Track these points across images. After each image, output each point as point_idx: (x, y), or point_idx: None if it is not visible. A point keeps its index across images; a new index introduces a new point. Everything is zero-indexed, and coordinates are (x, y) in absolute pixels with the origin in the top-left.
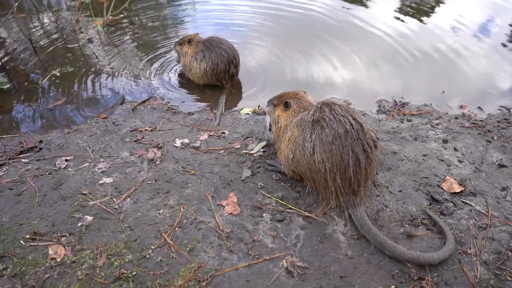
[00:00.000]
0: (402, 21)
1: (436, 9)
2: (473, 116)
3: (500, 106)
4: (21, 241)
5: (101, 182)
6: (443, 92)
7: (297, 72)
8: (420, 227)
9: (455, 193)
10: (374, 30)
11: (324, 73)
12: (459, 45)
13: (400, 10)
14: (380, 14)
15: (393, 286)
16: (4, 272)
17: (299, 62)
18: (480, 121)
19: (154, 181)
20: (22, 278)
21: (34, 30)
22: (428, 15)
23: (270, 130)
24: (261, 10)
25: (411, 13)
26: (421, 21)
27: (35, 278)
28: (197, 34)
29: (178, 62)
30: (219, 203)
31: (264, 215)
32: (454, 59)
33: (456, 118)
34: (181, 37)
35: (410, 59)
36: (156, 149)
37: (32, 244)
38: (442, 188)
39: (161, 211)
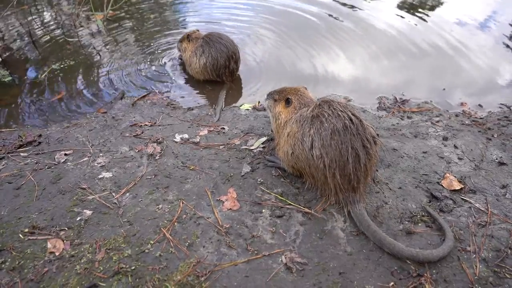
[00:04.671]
0: (404, 17)
1: (439, 5)
2: (473, 114)
3: (501, 104)
4: (20, 235)
5: (100, 176)
6: (444, 89)
7: (298, 68)
8: (420, 224)
9: (454, 190)
10: (375, 26)
11: (325, 69)
12: (461, 41)
13: (403, 6)
14: (382, 10)
15: (392, 283)
16: (3, 265)
17: (300, 58)
18: (481, 118)
19: (153, 176)
20: (21, 272)
21: (34, 24)
22: (431, 10)
23: None
24: (262, 6)
25: (413, 8)
26: (423, 16)
27: (34, 272)
28: (197, 30)
29: (181, 59)
30: (218, 198)
31: (263, 211)
32: (455, 56)
33: (456, 115)
34: (182, 35)
35: (411, 56)
36: (155, 144)
37: (31, 238)
38: (442, 186)
39: (160, 206)
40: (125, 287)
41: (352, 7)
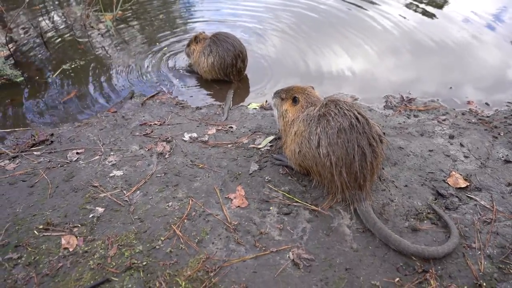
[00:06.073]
0: (411, 14)
1: (447, 2)
2: (480, 112)
3: (508, 102)
4: (35, 231)
5: (111, 174)
6: (451, 87)
7: (305, 67)
8: (425, 221)
9: (460, 188)
10: (383, 24)
11: (332, 68)
12: (468, 39)
13: (410, 3)
14: (389, 7)
15: (398, 279)
16: (19, 261)
17: (307, 58)
18: (487, 117)
19: (163, 174)
20: (36, 267)
21: (44, 24)
22: (439, 7)
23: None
24: (269, 4)
25: (421, 5)
26: (430, 13)
27: (49, 267)
28: (203, 32)
29: (190, 66)
30: (227, 196)
31: (271, 208)
32: (462, 54)
33: (463, 114)
34: (190, 39)
35: (418, 54)
36: (165, 143)
37: (45, 234)
38: (448, 183)
39: (170, 203)
40: (137, 282)
41: (359, 5)
